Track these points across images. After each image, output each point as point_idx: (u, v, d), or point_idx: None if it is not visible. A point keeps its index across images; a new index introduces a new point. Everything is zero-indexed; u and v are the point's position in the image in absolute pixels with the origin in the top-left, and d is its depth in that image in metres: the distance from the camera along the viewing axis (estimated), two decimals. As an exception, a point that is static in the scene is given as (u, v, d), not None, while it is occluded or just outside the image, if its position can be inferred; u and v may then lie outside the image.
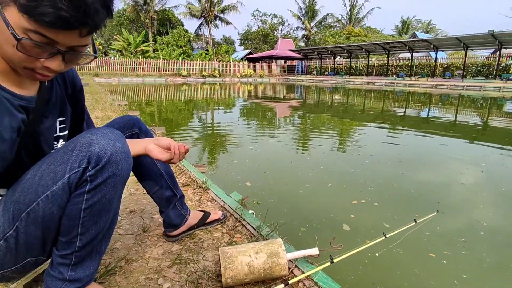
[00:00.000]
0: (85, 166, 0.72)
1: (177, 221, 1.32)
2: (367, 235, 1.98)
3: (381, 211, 2.39)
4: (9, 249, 0.75)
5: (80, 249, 0.80)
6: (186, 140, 4.73)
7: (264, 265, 1.03)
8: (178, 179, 2.09)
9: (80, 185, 0.74)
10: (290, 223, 2.13)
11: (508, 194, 2.77)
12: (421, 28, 42.90)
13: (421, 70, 24.60)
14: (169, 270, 1.13)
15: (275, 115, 8.04)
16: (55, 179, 0.72)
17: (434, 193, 2.81)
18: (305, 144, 4.70)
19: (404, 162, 3.72)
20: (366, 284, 1.55)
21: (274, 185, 2.88)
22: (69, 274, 0.81)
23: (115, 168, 0.76)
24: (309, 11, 40.39)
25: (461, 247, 1.89)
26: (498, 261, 1.80)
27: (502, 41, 17.83)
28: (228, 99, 12.15)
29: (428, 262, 1.74)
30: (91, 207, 0.76)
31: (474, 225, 2.18)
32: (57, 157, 0.73)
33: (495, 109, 9.57)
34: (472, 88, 17.04)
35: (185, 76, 25.80)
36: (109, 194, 0.78)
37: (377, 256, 1.71)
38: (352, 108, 9.56)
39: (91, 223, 0.78)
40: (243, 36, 46.33)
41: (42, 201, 0.72)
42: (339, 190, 2.84)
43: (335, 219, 2.25)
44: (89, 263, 0.84)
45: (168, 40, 29.03)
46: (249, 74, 29.77)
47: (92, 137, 0.73)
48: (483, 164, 3.67)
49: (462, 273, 1.64)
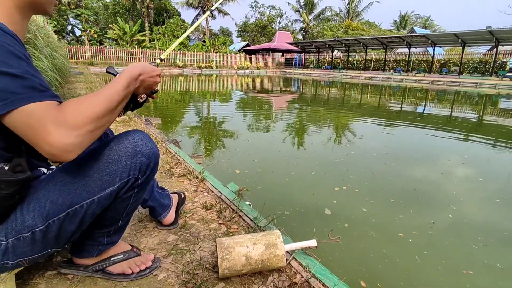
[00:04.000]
0: (135, 177, 0.83)
1: (166, 201, 1.33)
2: (348, 219, 2.11)
3: (361, 197, 2.51)
4: (33, 240, 0.77)
5: (120, 227, 0.96)
6: (183, 131, 4.69)
7: (262, 256, 1.02)
8: (174, 170, 2.07)
9: (131, 190, 0.86)
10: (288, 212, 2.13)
11: (483, 183, 2.96)
12: (420, 24, 42.76)
13: (418, 65, 24.60)
14: (165, 260, 1.12)
15: (271, 108, 8.00)
16: (102, 187, 0.79)
17: (414, 181, 2.95)
18: (301, 138, 4.69)
19: (390, 153, 3.82)
20: (363, 275, 1.55)
21: (265, 173, 2.92)
22: (106, 240, 0.96)
23: (155, 168, 0.90)
24: (307, 4, 39.99)
25: (428, 228, 2.04)
26: (459, 240, 1.95)
27: (499, 38, 17.85)
28: (225, 92, 12.05)
29: (395, 240, 1.91)
30: (137, 200, 0.92)
31: (445, 209, 2.33)
32: (101, 167, 0.79)
33: (490, 106, 9.63)
34: (468, 85, 17.10)
35: (182, 67, 25.50)
36: (147, 186, 0.92)
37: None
38: (347, 102, 9.55)
39: (132, 208, 0.93)
40: (241, 28, 45.79)
41: (87, 204, 0.79)
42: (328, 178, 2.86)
43: (318, 204, 2.35)
44: (121, 232, 1.01)
45: (165, 30, 28.60)
46: (246, 66, 29.54)
47: (136, 147, 0.82)
48: (465, 156, 3.80)
49: (424, 250, 1.80)
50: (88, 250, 0.97)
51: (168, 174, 1.99)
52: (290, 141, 4.39)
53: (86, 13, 25.72)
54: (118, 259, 1.01)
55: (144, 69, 0.81)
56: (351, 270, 1.59)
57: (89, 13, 26.75)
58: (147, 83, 0.83)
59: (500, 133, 5.41)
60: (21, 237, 0.75)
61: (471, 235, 2.00)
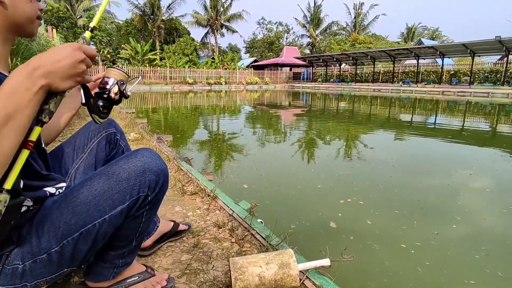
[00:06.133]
0: (145, 194, 0.84)
1: (149, 229, 1.25)
2: (352, 231, 2.12)
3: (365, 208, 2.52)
4: (50, 262, 0.79)
5: (134, 247, 0.96)
6: (193, 147, 4.75)
7: (275, 276, 1.02)
8: (186, 188, 2.09)
9: (142, 208, 0.87)
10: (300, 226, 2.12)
11: (490, 194, 2.91)
12: (427, 35, 42.79)
13: (428, 76, 24.46)
14: (179, 280, 1.12)
15: (279, 122, 8.04)
16: (113, 205, 0.80)
17: (419, 192, 2.95)
18: (307, 152, 4.68)
19: (396, 166, 3.80)
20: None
21: (272, 187, 2.97)
22: (120, 262, 0.96)
23: (165, 185, 0.90)
24: (314, 19, 40.63)
25: (431, 239, 2.03)
26: (462, 250, 1.94)
27: (509, 47, 17.67)
28: (234, 107, 12.20)
29: (398, 252, 1.91)
30: (149, 219, 0.92)
31: (450, 220, 2.32)
32: (112, 185, 0.80)
33: (504, 115, 9.44)
34: (479, 95, 16.87)
35: (191, 84, 26.03)
36: (158, 204, 0.94)
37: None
38: (356, 114, 9.52)
39: (145, 227, 0.94)
40: (249, 44, 46.69)
41: (98, 223, 0.80)
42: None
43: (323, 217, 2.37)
44: (137, 250, 1.00)
45: (175, 48, 29.41)
46: (254, 82, 29.93)
47: (144, 165, 0.82)
48: (473, 167, 3.74)
49: (426, 260, 1.79)
50: (103, 273, 0.97)
51: (180, 192, 2.02)
52: (296, 155, 4.41)
53: (100, 34, 26.73)
54: (133, 281, 1.02)
55: (44, 58, 0.56)
56: (357, 285, 1.57)
57: (103, 35, 27.79)
58: (62, 74, 0.57)
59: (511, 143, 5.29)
60: (37, 259, 0.76)
61: (474, 245, 1.98)
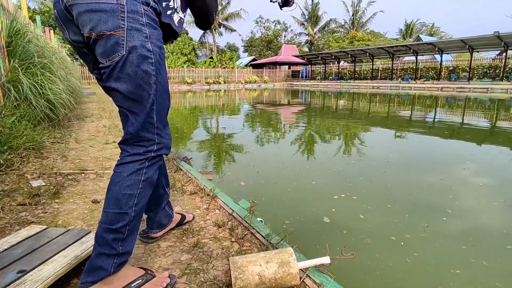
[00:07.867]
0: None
1: (165, 221, 1.37)
2: (346, 226, 2.14)
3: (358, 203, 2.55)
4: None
5: (131, 222, 0.97)
6: (192, 146, 4.74)
7: (275, 275, 1.02)
8: (185, 188, 2.09)
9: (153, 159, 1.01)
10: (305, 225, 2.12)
11: (482, 188, 2.93)
12: (425, 31, 42.68)
13: (426, 73, 24.43)
14: (179, 280, 1.12)
15: (277, 120, 8.04)
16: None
17: (411, 187, 2.98)
18: (303, 149, 4.68)
19: (390, 162, 3.82)
20: (366, 284, 1.53)
21: (268, 184, 2.97)
22: (120, 248, 0.95)
23: (166, 152, 1.06)
24: (312, 17, 40.54)
25: (421, 231, 2.07)
26: (450, 241, 1.97)
27: (508, 43, 17.65)
28: (233, 106, 12.19)
29: (389, 244, 1.93)
30: (146, 180, 0.99)
31: (440, 213, 2.34)
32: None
33: (503, 111, 9.44)
34: (479, 90, 16.86)
35: (190, 83, 26.00)
36: (155, 168, 1.04)
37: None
38: (355, 112, 9.52)
39: (142, 196, 0.99)
40: (247, 43, 46.61)
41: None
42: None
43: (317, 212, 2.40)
44: (133, 237, 1.01)
45: (173, 48, 29.36)
46: (253, 80, 29.90)
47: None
48: (468, 162, 3.76)
49: (414, 252, 1.83)
50: (103, 266, 0.92)
51: (180, 192, 2.02)
52: (292, 152, 4.43)
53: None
54: (139, 283, 1.01)
55: None
56: (351, 279, 1.58)
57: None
58: None
59: (508, 138, 5.29)
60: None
61: (462, 236, 2.03)
